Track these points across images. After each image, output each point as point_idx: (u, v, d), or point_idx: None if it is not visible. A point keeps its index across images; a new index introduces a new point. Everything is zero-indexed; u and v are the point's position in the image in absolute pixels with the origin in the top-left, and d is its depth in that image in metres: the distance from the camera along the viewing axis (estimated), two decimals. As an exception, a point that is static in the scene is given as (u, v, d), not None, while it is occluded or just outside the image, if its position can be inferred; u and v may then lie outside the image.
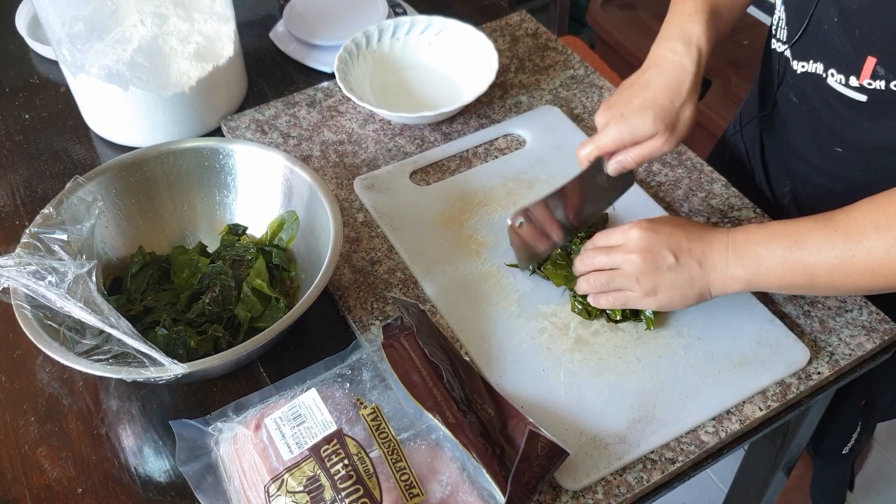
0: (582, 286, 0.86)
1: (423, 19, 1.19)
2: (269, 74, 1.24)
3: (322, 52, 1.24)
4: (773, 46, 0.95)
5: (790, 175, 1.03)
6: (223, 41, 1.10)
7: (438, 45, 1.20)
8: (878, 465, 1.82)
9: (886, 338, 0.87)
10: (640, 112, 0.83)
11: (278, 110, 1.15)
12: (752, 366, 0.84)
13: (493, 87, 1.15)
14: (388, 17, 1.26)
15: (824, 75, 0.87)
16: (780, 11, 0.92)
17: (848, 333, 0.88)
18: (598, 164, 0.86)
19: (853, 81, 0.83)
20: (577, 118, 1.13)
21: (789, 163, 1.02)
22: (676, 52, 0.85)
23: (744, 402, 0.82)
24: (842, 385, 0.88)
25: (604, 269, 0.84)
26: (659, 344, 0.86)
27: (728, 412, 0.82)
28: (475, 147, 1.09)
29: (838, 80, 0.85)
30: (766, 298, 0.91)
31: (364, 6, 1.27)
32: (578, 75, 1.20)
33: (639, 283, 0.81)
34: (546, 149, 1.07)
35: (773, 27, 0.94)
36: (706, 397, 0.82)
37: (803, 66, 0.89)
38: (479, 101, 1.14)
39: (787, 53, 0.92)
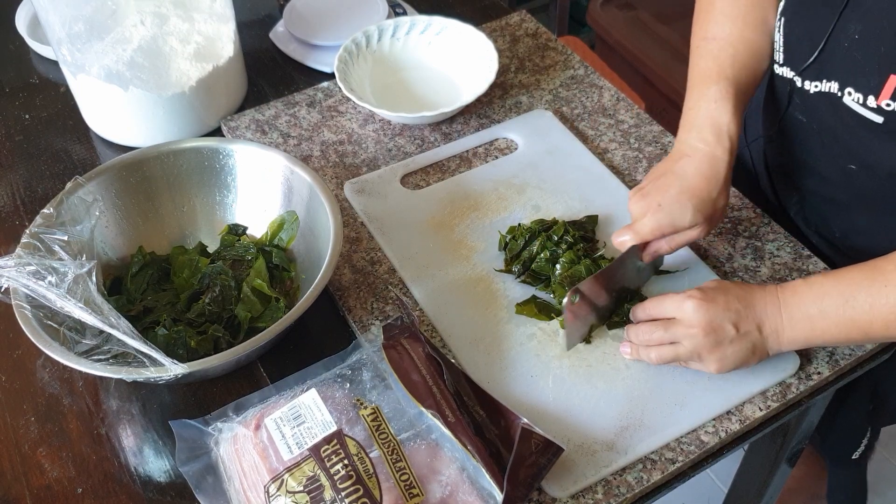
0: (641, 355, 0.84)
1: (423, 19, 1.20)
2: (269, 74, 1.24)
3: (322, 52, 1.24)
4: (776, 71, 0.92)
5: (797, 187, 1.02)
6: (223, 41, 1.10)
7: (438, 45, 1.20)
8: (877, 465, 1.82)
9: (886, 338, 0.87)
10: (679, 202, 0.82)
11: (278, 110, 1.15)
12: (741, 373, 0.83)
13: (493, 87, 1.15)
14: (388, 17, 1.26)
15: (840, 94, 0.84)
16: (779, 35, 0.89)
17: (848, 333, 0.88)
18: (633, 249, 0.86)
19: (871, 102, 0.81)
20: (576, 118, 1.13)
21: (796, 177, 1.01)
22: (707, 142, 0.84)
23: (744, 402, 0.82)
24: (842, 385, 0.88)
25: (663, 344, 0.82)
26: (650, 349, 0.86)
27: (728, 412, 0.82)
28: (464, 151, 1.09)
29: (856, 100, 0.82)
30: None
31: (364, 6, 1.27)
32: (578, 75, 1.20)
33: (701, 360, 0.80)
34: (538, 153, 1.07)
35: (777, 52, 0.91)
36: (694, 405, 0.82)
37: (816, 87, 0.87)
38: (478, 101, 1.14)
39: (796, 77, 0.89)
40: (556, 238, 0.92)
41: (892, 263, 0.75)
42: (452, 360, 0.84)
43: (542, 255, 0.92)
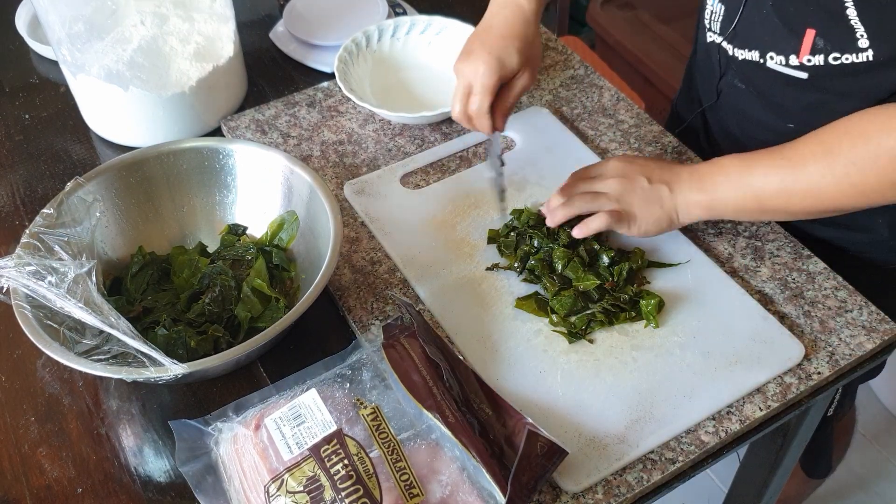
0: (561, 213, 0.91)
1: (423, 19, 1.19)
2: (269, 74, 1.24)
3: (322, 52, 1.24)
4: (709, 39, 0.99)
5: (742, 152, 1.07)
6: (223, 41, 1.10)
7: (438, 45, 1.20)
8: (877, 465, 1.83)
9: (886, 338, 0.87)
10: (504, 45, 0.91)
11: (278, 110, 1.15)
12: (748, 363, 0.84)
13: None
14: (388, 17, 1.26)
15: (762, 60, 0.92)
16: (712, 5, 0.96)
17: (848, 333, 0.88)
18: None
19: (793, 60, 0.88)
20: (576, 118, 1.13)
21: (742, 143, 1.06)
22: (519, 2, 0.94)
23: (744, 402, 0.82)
24: (841, 385, 0.88)
25: (585, 194, 0.91)
26: (654, 343, 0.86)
27: (728, 412, 0.82)
28: (464, 150, 1.09)
29: (778, 62, 0.90)
30: (764, 298, 0.91)
31: (364, 6, 1.27)
32: (578, 75, 1.20)
33: (617, 203, 0.89)
34: (536, 150, 1.07)
35: (707, 20, 0.98)
36: (703, 396, 0.82)
37: (741, 55, 0.94)
38: (479, 101, 1.13)
39: (725, 44, 0.96)
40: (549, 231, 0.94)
41: (791, 143, 0.84)
42: (461, 357, 0.84)
43: (538, 254, 0.92)
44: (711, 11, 0.97)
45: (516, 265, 0.93)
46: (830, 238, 1.00)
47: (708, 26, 0.98)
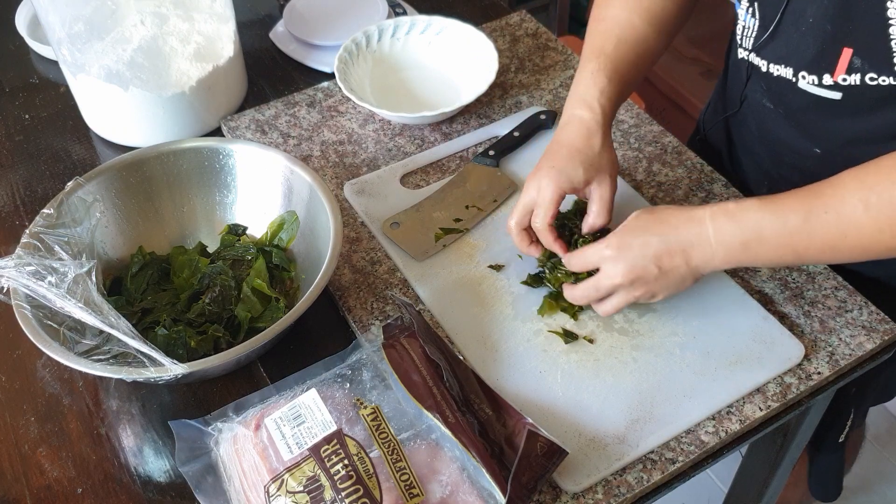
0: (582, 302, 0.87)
1: (423, 19, 1.19)
2: (269, 74, 1.24)
3: (322, 52, 1.24)
4: (740, 56, 0.96)
5: (765, 174, 1.06)
6: (223, 41, 1.10)
7: (438, 45, 1.20)
8: (877, 465, 1.83)
9: (886, 338, 0.87)
10: (569, 161, 0.87)
11: (278, 110, 1.15)
12: (748, 363, 0.84)
13: (493, 87, 1.15)
14: (388, 17, 1.26)
15: (794, 80, 0.88)
16: (745, 21, 0.92)
17: (848, 333, 0.88)
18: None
19: (827, 80, 0.85)
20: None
21: (767, 165, 1.04)
22: (581, 111, 0.90)
23: (744, 402, 0.82)
24: (842, 385, 0.88)
25: (601, 300, 0.85)
26: (654, 343, 0.86)
27: (728, 412, 0.82)
28: (464, 151, 1.09)
29: (810, 82, 0.86)
30: (764, 298, 0.91)
31: (364, 6, 1.27)
32: (578, 75, 1.20)
33: (637, 298, 0.83)
34: (536, 151, 1.07)
35: (739, 36, 0.94)
36: (703, 396, 0.82)
37: (776, 70, 0.91)
38: (479, 101, 1.14)
39: (758, 60, 0.92)
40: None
41: (830, 188, 0.75)
42: (461, 357, 0.84)
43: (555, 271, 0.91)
44: (743, 27, 0.93)
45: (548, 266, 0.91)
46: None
47: (739, 42, 0.95)
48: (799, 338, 0.87)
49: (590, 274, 0.85)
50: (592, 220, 0.89)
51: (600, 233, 0.89)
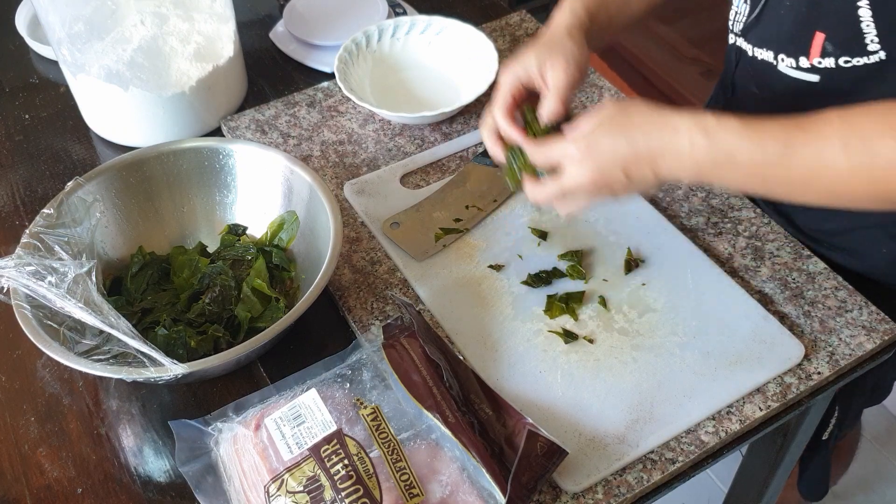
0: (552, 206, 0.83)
1: (423, 19, 1.19)
2: (269, 74, 1.24)
3: (322, 52, 1.24)
4: (730, 41, 0.99)
5: None
6: (223, 41, 1.10)
7: (438, 45, 1.20)
8: (877, 465, 1.83)
9: (886, 338, 0.87)
10: (528, 50, 0.85)
11: (278, 110, 1.15)
12: (748, 363, 0.84)
13: (493, 87, 1.15)
14: (388, 17, 1.26)
15: (775, 62, 0.90)
16: (737, 6, 0.95)
17: (848, 333, 0.88)
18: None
19: (803, 62, 0.86)
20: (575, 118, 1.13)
21: None
22: (555, 20, 0.89)
23: (744, 402, 0.82)
24: (841, 385, 0.88)
25: (562, 199, 0.80)
26: (654, 343, 0.86)
27: (728, 412, 0.82)
28: (464, 151, 1.09)
29: (789, 65, 0.88)
30: (764, 298, 0.91)
31: (364, 6, 1.27)
32: (578, 75, 1.20)
33: (599, 200, 0.79)
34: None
35: (731, 21, 0.97)
36: (703, 396, 0.82)
37: (759, 54, 0.93)
38: (479, 101, 1.13)
39: (745, 44, 0.95)
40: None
41: (813, 124, 0.70)
42: (461, 357, 0.84)
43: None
44: (735, 12, 0.95)
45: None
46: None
47: (731, 27, 0.97)
48: (799, 338, 0.87)
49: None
50: (544, 108, 0.83)
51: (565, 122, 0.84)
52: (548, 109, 0.83)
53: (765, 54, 0.92)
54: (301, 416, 0.75)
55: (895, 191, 0.67)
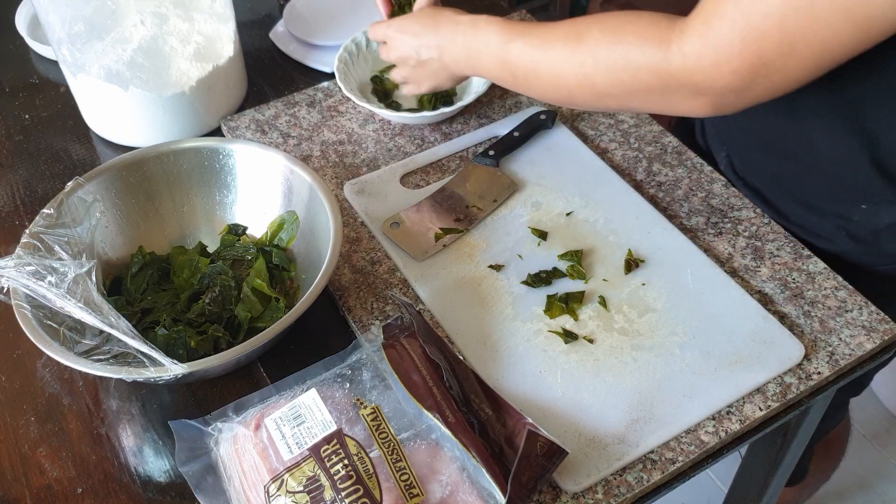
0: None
1: (423, 19, 1.19)
2: (269, 74, 1.24)
3: (322, 52, 1.24)
4: None
5: (724, 141, 1.08)
6: (223, 41, 1.10)
7: (438, 45, 1.20)
8: (877, 465, 1.83)
9: (886, 338, 0.87)
10: None
11: (278, 110, 1.15)
12: (748, 363, 0.84)
13: (493, 87, 1.15)
14: (388, 17, 1.26)
15: None
16: None
17: (848, 333, 0.88)
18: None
19: None
20: (576, 118, 1.13)
21: (723, 130, 1.07)
22: None
23: (744, 402, 0.82)
24: (841, 385, 0.88)
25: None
26: (654, 343, 0.86)
27: (728, 412, 0.82)
28: (464, 151, 1.09)
29: None
30: (764, 298, 0.91)
31: (364, 6, 1.27)
32: (578, 75, 1.20)
33: (405, 78, 1.02)
34: (536, 150, 1.07)
35: None
36: (703, 396, 0.82)
37: None
38: (479, 101, 1.14)
39: None
40: None
41: (563, 27, 0.82)
42: (461, 357, 0.84)
43: None
44: None
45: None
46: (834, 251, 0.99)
47: None
48: (799, 338, 0.87)
49: None
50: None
51: None
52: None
53: None
54: (301, 416, 0.75)
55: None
